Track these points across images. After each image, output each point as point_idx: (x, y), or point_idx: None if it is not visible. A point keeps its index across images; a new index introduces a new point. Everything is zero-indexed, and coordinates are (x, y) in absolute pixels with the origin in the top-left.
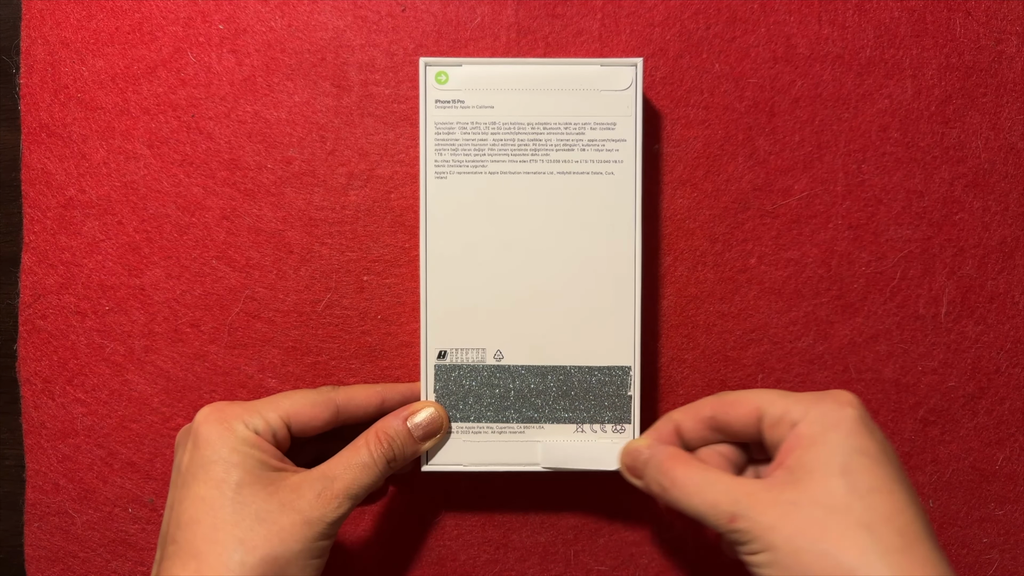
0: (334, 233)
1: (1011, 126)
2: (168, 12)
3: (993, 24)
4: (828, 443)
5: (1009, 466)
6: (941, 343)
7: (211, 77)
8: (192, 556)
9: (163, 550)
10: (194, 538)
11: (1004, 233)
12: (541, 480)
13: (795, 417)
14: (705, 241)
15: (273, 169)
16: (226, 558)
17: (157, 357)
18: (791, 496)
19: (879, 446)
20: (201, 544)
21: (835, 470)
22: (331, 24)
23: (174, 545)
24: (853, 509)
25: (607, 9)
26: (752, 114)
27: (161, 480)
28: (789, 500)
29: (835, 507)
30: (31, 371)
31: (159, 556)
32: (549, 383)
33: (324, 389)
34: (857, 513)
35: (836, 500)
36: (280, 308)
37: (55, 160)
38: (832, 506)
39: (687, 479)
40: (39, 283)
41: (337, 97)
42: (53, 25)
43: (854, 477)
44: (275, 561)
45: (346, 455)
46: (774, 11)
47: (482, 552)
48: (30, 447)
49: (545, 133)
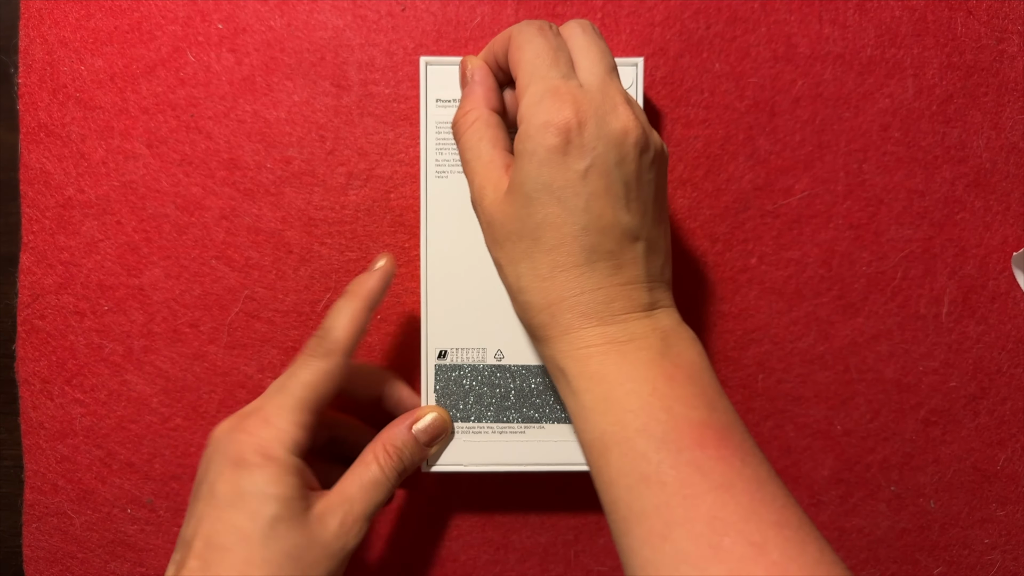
0: (334, 233)
1: (1012, 125)
2: (167, 11)
3: (994, 23)
4: (520, 170)
5: (1010, 466)
6: (942, 343)
7: (210, 76)
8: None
9: (185, 561)
10: (222, 565)
11: (1005, 233)
12: (541, 480)
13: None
14: (705, 241)
15: (272, 169)
16: None
17: (156, 357)
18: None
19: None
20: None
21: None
22: (331, 23)
23: (199, 562)
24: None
25: (607, 8)
26: (753, 114)
27: (160, 481)
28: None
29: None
30: (29, 371)
31: (179, 559)
32: (549, 383)
33: (318, 347)
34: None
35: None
36: (279, 308)
37: (54, 160)
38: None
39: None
40: (38, 283)
41: (337, 97)
42: (51, 24)
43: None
44: None
45: (358, 472)
46: (775, 10)
47: (482, 552)
48: (28, 447)
49: None
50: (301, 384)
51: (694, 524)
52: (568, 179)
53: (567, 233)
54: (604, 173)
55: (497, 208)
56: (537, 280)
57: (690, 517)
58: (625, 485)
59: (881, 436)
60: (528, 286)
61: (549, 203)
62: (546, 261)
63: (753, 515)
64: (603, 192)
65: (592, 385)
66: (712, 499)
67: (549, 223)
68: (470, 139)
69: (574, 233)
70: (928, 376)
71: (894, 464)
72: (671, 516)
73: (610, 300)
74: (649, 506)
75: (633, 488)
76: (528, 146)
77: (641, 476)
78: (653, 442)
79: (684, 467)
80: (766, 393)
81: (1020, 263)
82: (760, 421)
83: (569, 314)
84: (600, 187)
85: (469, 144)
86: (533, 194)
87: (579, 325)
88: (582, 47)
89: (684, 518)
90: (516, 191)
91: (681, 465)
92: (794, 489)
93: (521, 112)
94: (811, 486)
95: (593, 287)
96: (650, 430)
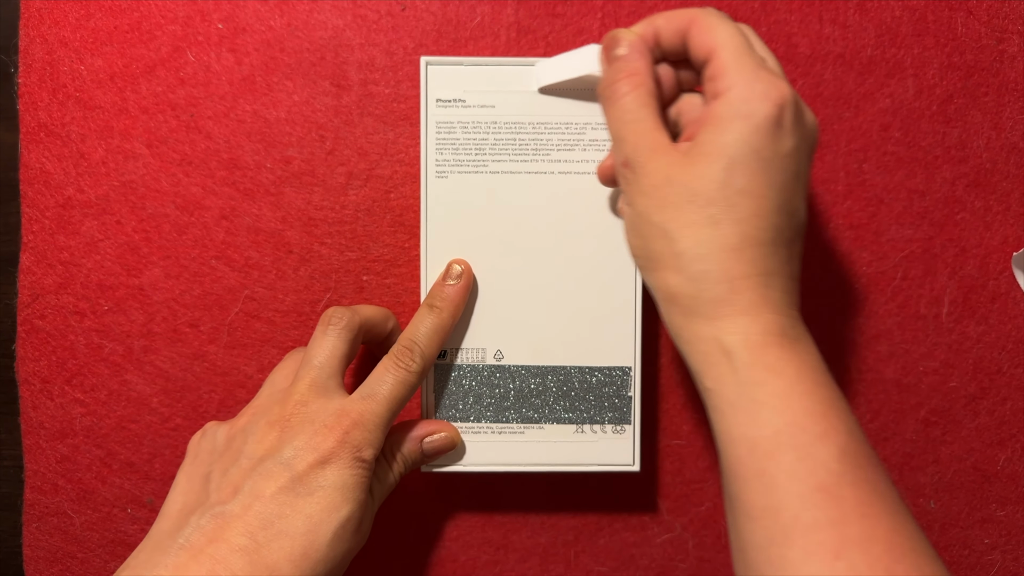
0: (333, 233)
1: (1013, 125)
2: (167, 11)
3: (995, 23)
4: (729, 131)
5: (1010, 467)
6: (943, 343)
7: (210, 76)
8: (266, 568)
9: (223, 534)
10: (280, 552)
11: (1006, 232)
12: (541, 480)
13: (723, 86)
14: None
15: (272, 169)
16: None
17: (156, 357)
18: (674, 172)
19: (778, 152)
20: (284, 565)
21: (722, 162)
22: (330, 23)
23: (249, 541)
24: (714, 202)
25: (607, 9)
26: None
27: (160, 480)
28: (667, 175)
29: (698, 195)
30: (29, 371)
31: (209, 526)
32: (549, 383)
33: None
34: (714, 208)
35: (704, 189)
36: (279, 308)
37: (54, 160)
38: (697, 193)
39: (625, 103)
40: (37, 283)
41: (336, 96)
42: (51, 24)
43: (734, 174)
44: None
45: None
46: (775, 10)
47: (482, 553)
48: (29, 447)
49: (546, 133)
50: (392, 399)
51: (872, 545)
52: (777, 152)
53: (765, 207)
54: (799, 160)
55: (678, 168)
56: (723, 250)
57: (869, 538)
58: (797, 492)
59: (881, 436)
60: (708, 254)
61: (756, 171)
62: (736, 231)
63: (919, 544)
64: (795, 177)
65: (770, 378)
66: (888, 523)
67: (749, 191)
68: (633, 101)
69: (771, 208)
70: (928, 376)
71: (894, 464)
72: (848, 533)
73: (789, 291)
74: (823, 519)
75: (807, 497)
76: (743, 109)
77: (818, 486)
78: (835, 452)
79: (863, 485)
80: None
81: (1020, 263)
82: None
83: (752, 293)
84: (795, 172)
85: (632, 106)
86: (739, 158)
87: (761, 308)
88: (761, 46)
89: (862, 538)
90: (714, 154)
91: (860, 482)
92: None
93: (730, 80)
94: None
95: (778, 271)
96: (831, 439)
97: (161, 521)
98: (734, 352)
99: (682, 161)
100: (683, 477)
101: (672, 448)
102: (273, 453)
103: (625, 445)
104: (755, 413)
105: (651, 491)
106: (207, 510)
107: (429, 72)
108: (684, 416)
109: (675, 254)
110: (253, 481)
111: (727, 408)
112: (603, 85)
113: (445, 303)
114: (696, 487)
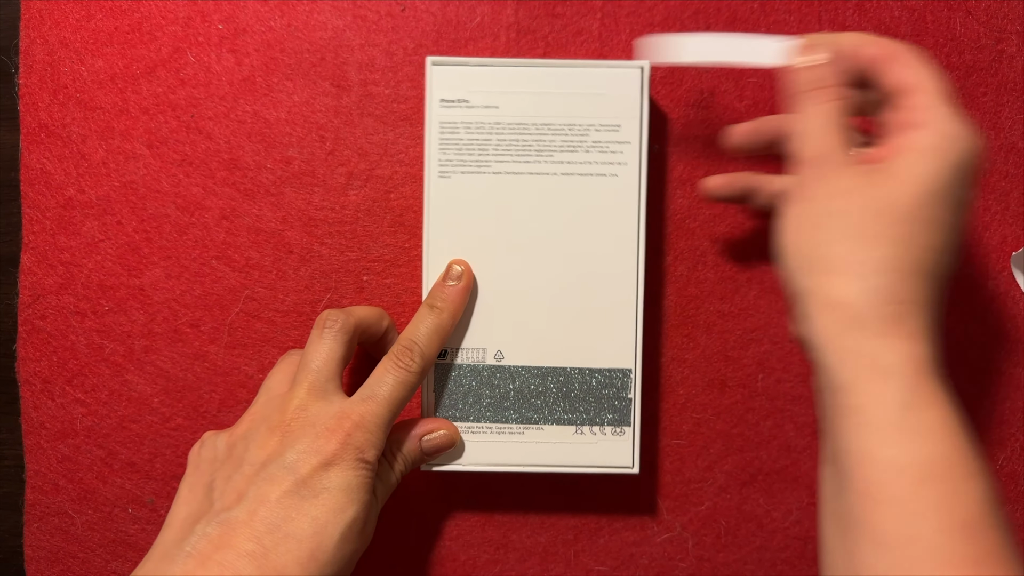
0: (334, 233)
1: (1011, 125)
2: (167, 12)
3: (993, 23)
4: (932, 161)
5: (1009, 466)
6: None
7: (210, 77)
8: (274, 572)
9: (230, 540)
10: (287, 555)
11: (1005, 232)
12: (541, 480)
13: (925, 118)
14: (706, 241)
15: (272, 169)
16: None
17: (157, 357)
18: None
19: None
20: (292, 568)
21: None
22: (331, 24)
23: (256, 546)
24: (901, 223)
25: (607, 9)
26: (753, 113)
27: (161, 480)
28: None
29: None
30: (30, 371)
31: (215, 533)
32: (549, 384)
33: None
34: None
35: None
36: (280, 308)
37: (54, 160)
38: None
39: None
40: (38, 283)
41: (337, 97)
42: (52, 25)
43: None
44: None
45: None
46: (774, 10)
47: (482, 552)
48: (29, 447)
49: (549, 134)
50: (393, 400)
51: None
52: (964, 194)
53: (941, 242)
54: (968, 210)
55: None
56: (897, 271)
57: None
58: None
59: None
60: (888, 271)
61: (945, 206)
62: (913, 257)
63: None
64: (963, 225)
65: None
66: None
67: (935, 222)
68: (836, 109)
69: (945, 245)
70: None
71: None
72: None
73: (937, 327)
74: (961, 556)
75: (948, 532)
76: (945, 144)
77: (963, 523)
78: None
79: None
80: (766, 393)
81: (1019, 263)
82: (760, 421)
83: (917, 320)
84: (965, 220)
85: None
86: (934, 189)
87: (921, 338)
88: None
89: None
90: (912, 179)
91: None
92: (794, 489)
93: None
94: (811, 486)
95: (935, 305)
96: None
97: (166, 532)
98: (895, 374)
99: (873, 178)
100: (683, 477)
101: (672, 448)
102: (276, 458)
103: (624, 447)
104: (911, 439)
105: (651, 491)
106: (212, 517)
107: (434, 72)
108: (684, 416)
109: (858, 261)
110: (257, 486)
111: (876, 428)
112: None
113: (445, 303)
114: (696, 487)
